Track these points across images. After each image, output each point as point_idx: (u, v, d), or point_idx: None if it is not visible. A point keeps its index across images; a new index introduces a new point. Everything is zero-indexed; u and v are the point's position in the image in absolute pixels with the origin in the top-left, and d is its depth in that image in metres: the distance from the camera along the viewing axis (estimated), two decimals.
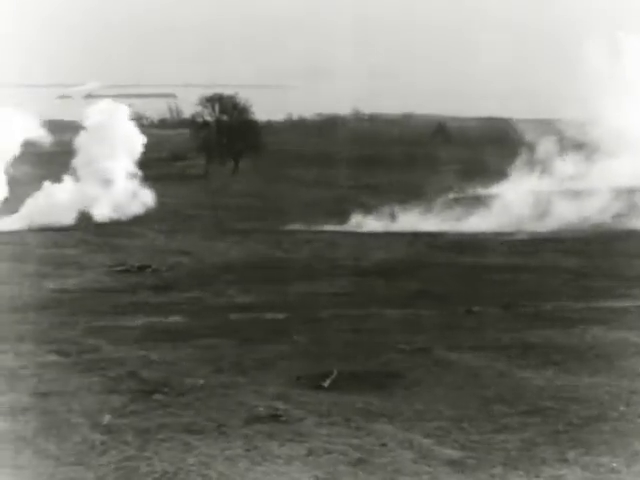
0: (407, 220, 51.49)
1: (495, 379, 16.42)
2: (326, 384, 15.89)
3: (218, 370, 17.02)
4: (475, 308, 23.96)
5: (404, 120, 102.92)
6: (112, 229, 47.31)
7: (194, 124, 78.06)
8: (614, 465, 11.97)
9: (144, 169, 56.09)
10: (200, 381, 16.07)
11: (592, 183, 52.48)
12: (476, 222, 49.92)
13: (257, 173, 71.31)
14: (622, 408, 14.42)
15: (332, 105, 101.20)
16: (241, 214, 54.52)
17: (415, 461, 12.07)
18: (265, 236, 44.52)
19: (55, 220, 49.11)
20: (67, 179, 53.34)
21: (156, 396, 15.00)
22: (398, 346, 19.19)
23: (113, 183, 54.31)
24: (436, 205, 54.28)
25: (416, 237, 44.82)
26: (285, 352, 18.67)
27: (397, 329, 21.34)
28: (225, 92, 79.00)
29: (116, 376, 16.46)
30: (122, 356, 18.25)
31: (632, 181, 50.10)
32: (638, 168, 49.91)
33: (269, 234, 45.51)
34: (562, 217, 48.55)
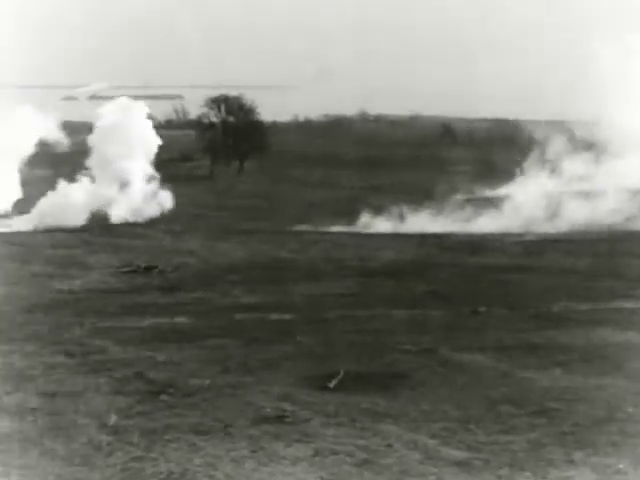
0: (415, 221, 51.32)
1: (501, 380, 16.40)
2: (332, 385, 15.88)
3: (224, 371, 17.02)
4: (481, 309, 23.93)
5: (411, 121, 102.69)
6: (119, 230, 47.27)
7: (200, 125, 77.98)
8: (621, 466, 11.95)
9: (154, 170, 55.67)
10: (206, 382, 16.07)
11: (601, 184, 52.32)
12: (484, 223, 49.75)
13: (263, 174, 71.22)
14: (629, 409, 14.40)
15: (338, 106, 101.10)
16: (247, 215, 54.43)
17: (421, 462, 12.06)
18: (271, 237, 44.47)
19: (67, 221, 48.66)
20: (81, 179, 52.60)
21: (162, 397, 15.01)
22: (404, 347, 19.18)
23: (130, 184, 53.38)
24: (444, 206, 54.13)
25: (424, 238, 44.72)
26: (291, 353, 18.66)
27: (403, 330, 21.31)
28: (231, 93, 78.96)
29: (122, 377, 16.46)
30: (128, 357, 18.26)
31: None
32: None
33: (275, 235, 45.45)
34: (571, 218, 48.39)
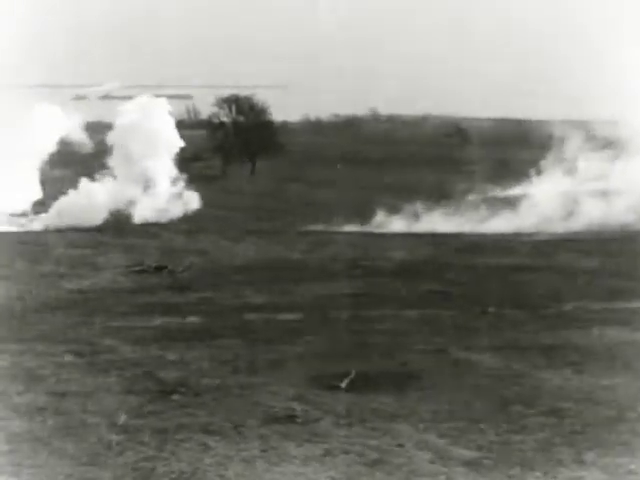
0: (428, 221, 51.28)
1: (512, 380, 16.38)
2: (343, 385, 15.88)
3: (235, 370, 17.03)
4: (492, 309, 23.90)
5: (422, 121, 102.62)
6: (133, 229, 47.25)
7: (211, 125, 78.06)
8: (632, 467, 11.92)
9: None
10: (217, 381, 16.08)
11: (617, 183, 52.15)
12: (498, 223, 49.69)
13: (274, 174, 71.27)
14: None
15: (349, 106, 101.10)
16: (258, 215, 54.48)
17: (432, 462, 12.06)
18: (282, 237, 44.49)
19: (85, 221, 48.26)
20: (102, 179, 51.97)
21: (173, 396, 15.02)
22: (414, 347, 19.18)
23: (153, 184, 52.61)
24: (457, 206, 54.05)
25: (436, 238, 44.70)
26: (301, 353, 18.66)
27: (414, 330, 21.31)
28: (242, 93, 79.02)
29: (133, 376, 16.49)
30: (138, 356, 18.29)
31: None
32: None
33: (286, 235, 45.47)
34: (585, 218, 48.26)
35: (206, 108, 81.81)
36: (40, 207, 51.18)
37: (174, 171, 54.01)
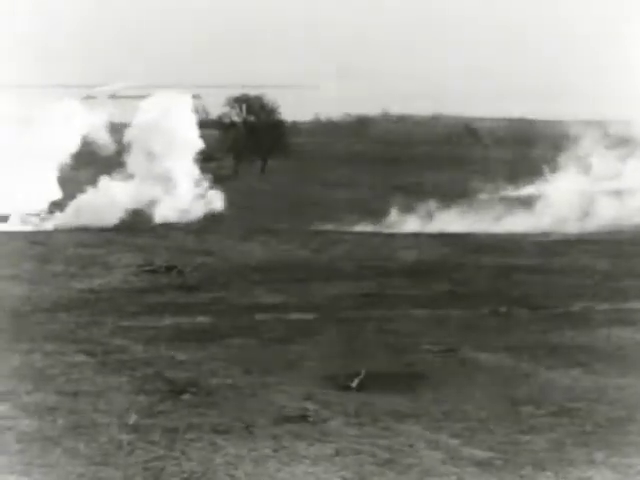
0: (440, 221, 51.20)
1: (522, 380, 16.37)
2: (354, 384, 15.89)
3: (245, 370, 17.04)
4: (502, 309, 23.88)
5: (433, 121, 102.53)
6: (146, 229, 47.21)
7: (222, 125, 78.11)
8: None
9: None
10: (227, 381, 16.10)
11: (630, 182, 51.96)
12: (511, 222, 49.57)
13: (285, 173, 71.33)
14: None
15: (360, 106, 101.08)
16: (269, 214, 54.47)
17: (443, 462, 12.05)
18: (293, 236, 44.48)
19: (100, 220, 47.87)
20: (121, 178, 51.30)
21: (184, 396, 15.04)
22: (425, 347, 19.18)
23: (175, 183, 51.83)
24: (470, 206, 53.98)
25: (448, 238, 44.66)
26: (312, 353, 18.67)
27: (424, 330, 21.30)
28: (252, 92, 79.00)
29: (143, 376, 16.51)
30: (149, 356, 18.31)
31: None
32: None
33: (297, 234, 45.47)
34: (599, 217, 48.12)
35: (216, 108, 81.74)
36: (57, 207, 51.06)
37: (196, 171, 53.61)
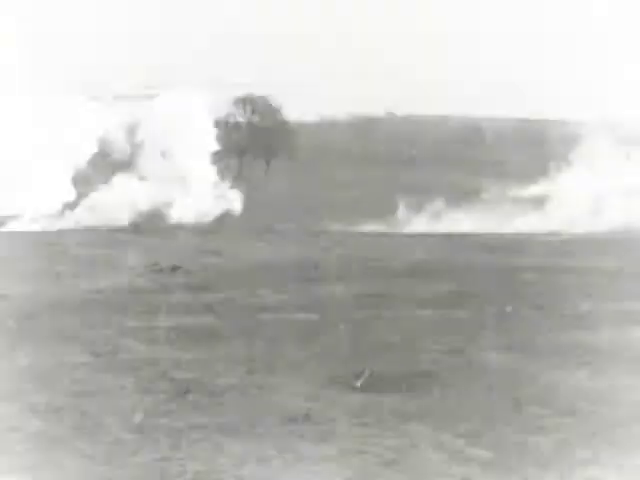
0: (448, 221, 51.25)
1: (528, 380, 16.34)
2: (359, 384, 15.87)
3: (250, 370, 17.03)
4: (508, 309, 23.85)
5: (440, 122, 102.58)
6: (154, 229, 47.17)
7: (226, 125, 78.20)
8: None
9: None
10: (232, 381, 16.09)
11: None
12: (519, 222, 49.61)
13: (290, 173, 71.38)
14: None
15: (366, 106, 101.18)
16: (274, 214, 54.51)
17: (447, 462, 12.02)
18: (298, 236, 44.53)
19: (114, 220, 47.53)
20: (134, 178, 50.80)
21: (189, 396, 15.04)
22: (430, 347, 19.15)
23: (190, 183, 51.27)
24: (478, 206, 54.01)
25: (455, 237, 44.68)
26: (317, 353, 18.66)
27: (429, 330, 21.27)
28: (256, 92, 79.07)
29: (149, 376, 16.51)
30: (155, 356, 18.31)
31: None
32: None
33: (302, 234, 45.52)
34: (609, 217, 48.11)
35: (219, 108, 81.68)
36: (69, 207, 50.96)
37: (212, 171, 53.25)
